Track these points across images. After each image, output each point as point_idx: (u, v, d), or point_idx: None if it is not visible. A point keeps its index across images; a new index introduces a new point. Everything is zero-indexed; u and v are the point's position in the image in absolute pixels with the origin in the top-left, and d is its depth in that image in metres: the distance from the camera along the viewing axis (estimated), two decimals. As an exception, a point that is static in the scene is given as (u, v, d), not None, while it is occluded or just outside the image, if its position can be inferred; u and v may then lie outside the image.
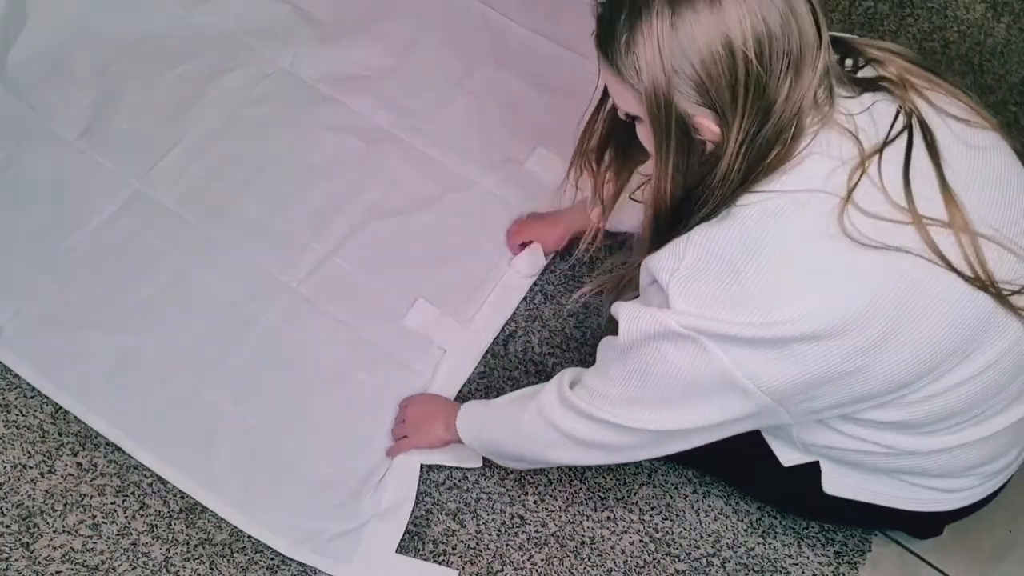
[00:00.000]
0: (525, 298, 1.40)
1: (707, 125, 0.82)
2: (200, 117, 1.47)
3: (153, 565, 1.17)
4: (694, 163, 0.85)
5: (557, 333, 1.38)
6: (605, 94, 0.94)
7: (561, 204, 1.26)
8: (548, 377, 1.32)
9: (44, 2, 1.52)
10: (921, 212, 0.83)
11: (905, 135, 0.86)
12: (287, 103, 1.50)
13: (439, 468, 1.26)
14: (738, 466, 1.07)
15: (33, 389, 1.25)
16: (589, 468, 1.28)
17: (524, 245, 1.38)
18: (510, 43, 1.61)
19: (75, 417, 1.24)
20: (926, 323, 0.85)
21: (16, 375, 1.26)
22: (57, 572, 1.16)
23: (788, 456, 1.06)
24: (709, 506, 1.28)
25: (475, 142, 1.50)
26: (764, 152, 0.82)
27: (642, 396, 0.92)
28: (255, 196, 1.41)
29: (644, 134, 0.88)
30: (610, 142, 1.00)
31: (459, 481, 1.26)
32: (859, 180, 0.82)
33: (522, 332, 1.37)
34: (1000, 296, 0.86)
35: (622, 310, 0.91)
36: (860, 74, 0.89)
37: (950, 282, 0.84)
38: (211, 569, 1.18)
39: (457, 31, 1.60)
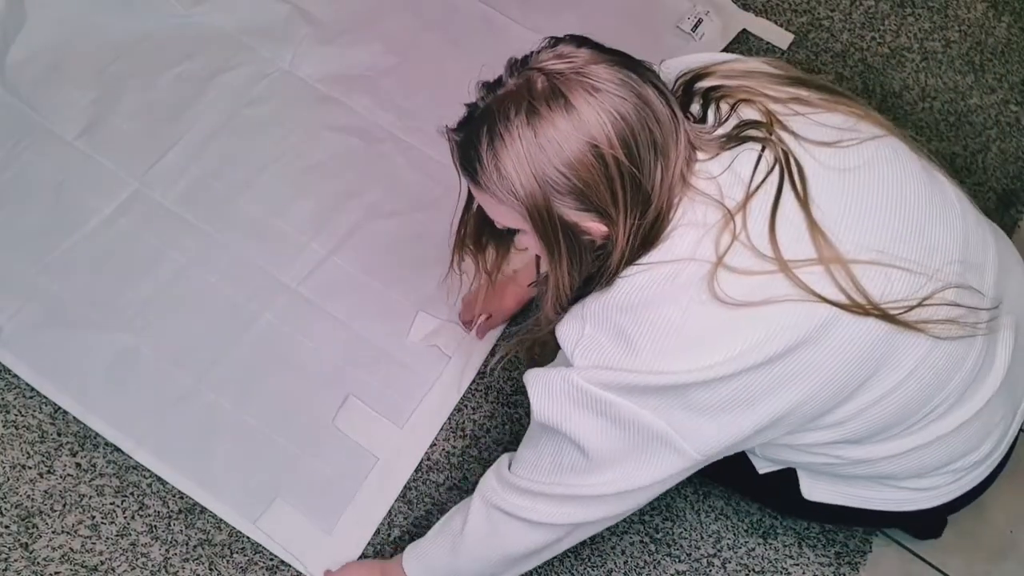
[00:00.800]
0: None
1: (594, 227, 0.84)
2: (200, 117, 1.47)
3: (152, 566, 1.17)
4: (587, 260, 0.88)
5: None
6: (469, 202, 0.97)
7: (448, 292, 1.25)
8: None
9: (44, 2, 1.52)
10: (788, 257, 0.84)
11: (771, 180, 0.86)
12: (287, 103, 1.50)
13: (439, 468, 1.26)
14: (732, 471, 1.07)
15: (32, 389, 1.25)
16: (589, 468, 1.28)
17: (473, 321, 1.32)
18: (510, 43, 1.60)
19: (74, 417, 1.24)
20: (822, 360, 0.86)
21: (15, 375, 1.26)
22: (56, 572, 1.16)
23: (762, 465, 1.08)
24: (709, 506, 1.28)
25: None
26: (650, 234, 0.85)
27: (571, 463, 0.93)
28: (255, 196, 1.41)
29: (530, 242, 0.89)
30: (484, 230, 1.01)
31: (459, 481, 1.26)
32: (730, 244, 0.84)
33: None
34: (888, 316, 0.86)
35: (530, 378, 0.93)
36: (723, 117, 0.89)
37: (831, 315, 0.85)
38: (210, 569, 1.18)
39: (457, 31, 1.60)
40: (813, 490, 1.07)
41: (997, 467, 1.08)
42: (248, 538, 1.20)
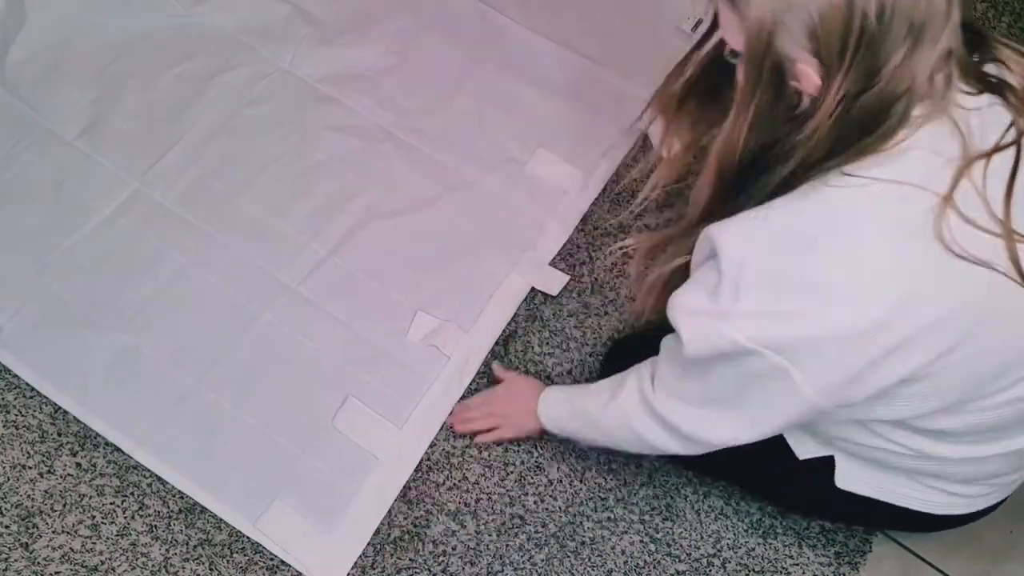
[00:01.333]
0: (525, 299, 1.40)
1: (807, 73, 0.76)
2: (200, 117, 1.47)
3: (152, 565, 1.17)
4: (779, 115, 0.80)
5: (557, 333, 1.38)
6: (704, 40, 0.90)
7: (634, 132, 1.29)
8: (549, 378, 1.33)
9: (44, 2, 1.52)
10: (1015, 228, 0.79)
11: (1013, 150, 0.80)
12: (287, 103, 1.50)
13: (439, 468, 1.26)
14: (744, 463, 1.05)
15: (32, 389, 1.25)
16: (589, 468, 1.28)
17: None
18: (510, 43, 1.61)
19: (74, 417, 1.24)
20: (995, 338, 0.82)
21: (15, 375, 1.26)
22: (56, 572, 1.16)
23: (805, 449, 1.04)
24: (709, 506, 1.28)
25: (475, 142, 1.49)
26: (859, 123, 0.76)
27: (714, 414, 0.92)
28: (254, 196, 1.41)
29: (740, 73, 0.81)
30: (693, 90, 0.95)
31: (459, 481, 1.26)
32: (961, 183, 0.77)
33: (522, 332, 1.37)
34: None
35: (682, 322, 0.86)
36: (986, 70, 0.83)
37: (1021, 301, 0.81)
38: (210, 569, 1.18)
39: (457, 31, 1.60)
40: (848, 479, 1.04)
41: None
42: (248, 538, 1.20)
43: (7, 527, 1.18)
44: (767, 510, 1.28)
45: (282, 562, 1.19)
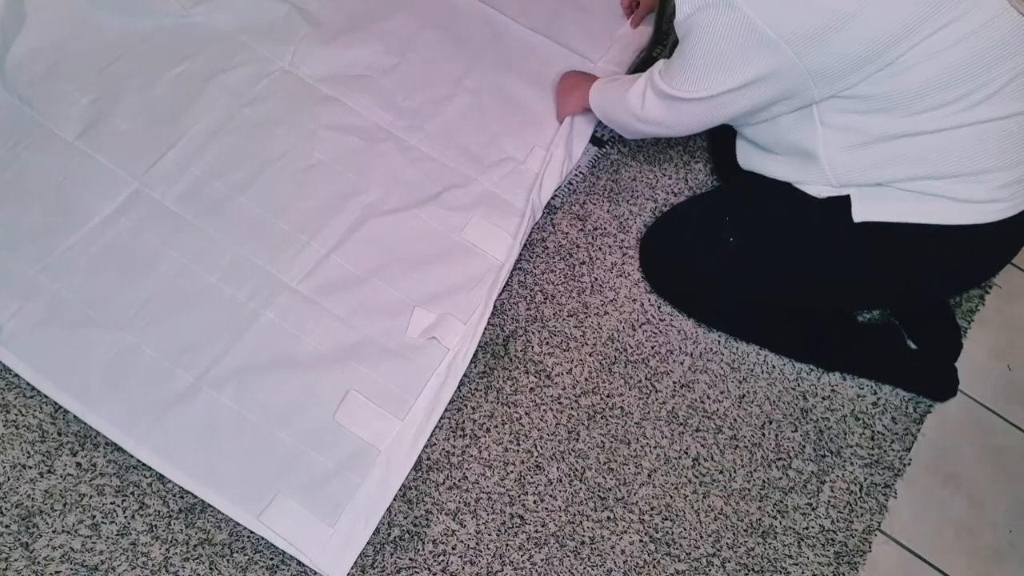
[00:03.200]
0: (525, 298, 1.40)
1: None
2: (199, 116, 1.47)
3: (152, 565, 1.17)
4: None
5: (557, 333, 1.38)
6: None
7: None
8: (549, 377, 1.33)
9: (44, 2, 1.52)
10: None
11: None
12: (287, 102, 1.50)
13: (439, 468, 1.26)
14: (776, 233, 1.24)
15: (32, 389, 1.25)
16: (589, 468, 1.28)
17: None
18: (510, 43, 1.61)
19: (74, 417, 1.24)
20: None
21: (15, 375, 1.26)
22: (56, 572, 1.16)
23: (820, 191, 1.18)
24: (709, 506, 1.28)
25: (474, 141, 1.50)
26: None
27: (698, 69, 1.11)
28: (254, 195, 1.41)
29: None
30: None
31: (459, 481, 1.26)
32: None
33: (522, 332, 1.37)
34: None
35: None
36: None
37: None
38: (211, 569, 1.18)
39: (457, 31, 1.60)
40: (866, 211, 1.15)
41: None
42: (248, 537, 1.20)
43: (7, 527, 1.18)
44: (767, 510, 1.28)
45: (282, 561, 1.19)
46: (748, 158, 1.29)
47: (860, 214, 1.16)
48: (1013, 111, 1.05)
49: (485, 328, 1.36)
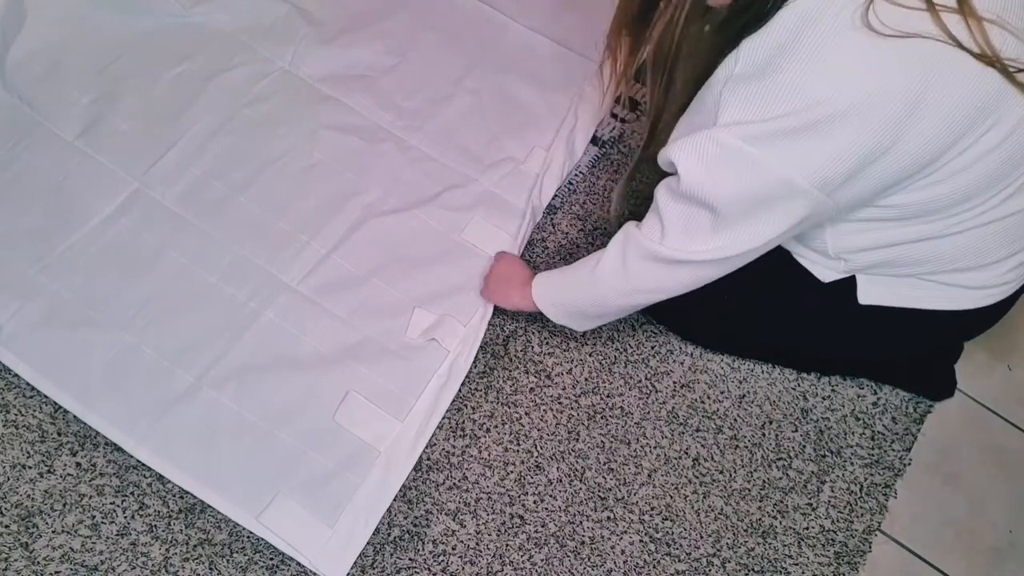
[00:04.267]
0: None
1: None
2: (199, 116, 1.47)
3: (152, 565, 1.17)
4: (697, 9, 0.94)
5: (557, 333, 1.38)
6: None
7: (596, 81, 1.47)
8: (549, 377, 1.33)
9: (44, 2, 1.52)
10: (935, 1, 0.88)
11: None
12: (286, 102, 1.50)
13: (439, 468, 1.27)
14: (775, 311, 1.19)
15: (32, 389, 1.25)
16: (589, 468, 1.28)
17: None
18: (510, 43, 1.61)
19: (74, 417, 1.24)
20: (946, 95, 0.89)
21: (15, 375, 1.26)
22: (56, 572, 1.16)
23: (826, 275, 1.14)
24: (709, 506, 1.28)
25: (474, 141, 1.50)
26: None
27: (702, 224, 0.99)
28: (254, 195, 1.41)
29: None
30: (627, 20, 1.06)
31: (459, 481, 1.26)
32: None
33: (522, 332, 1.37)
34: (1007, 72, 0.90)
35: (675, 147, 0.97)
36: None
37: (962, 59, 0.89)
38: (211, 569, 1.18)
39: (457, 31, 1.60)
40: (869, 294, 1.13)
41: None
42: (248, 538, 1.20)
43: (7, 527, 1.18)
44: (767, 510, 1.28)
45: (282, 561, 1.19)
46: None
47: (865, 296, 1.13)
48: None
49: (485, 328, 1.36)
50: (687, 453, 1.32)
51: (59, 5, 1.52)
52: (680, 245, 1.03)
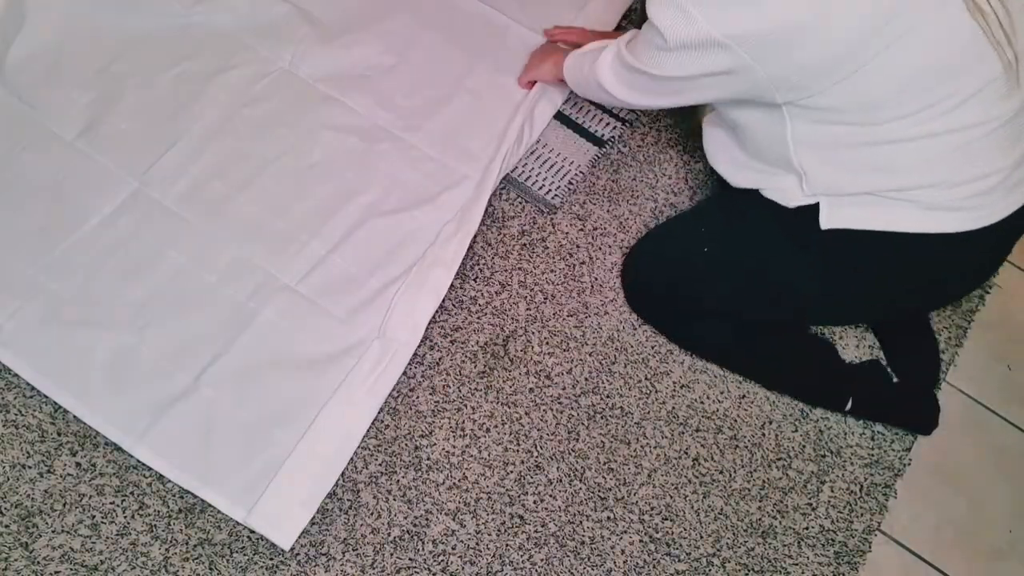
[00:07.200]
0: (525, 298, 1.40)
1: None
2: (199, 116, 1.47)
3: (152, 565, 1.17)
4: None
5: (557, 333, 1.38)
6: None
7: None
8: (549, 377, 1.33)
9: (44, 2, 1.52)
10: None
11: None
12: (286, 102, 1.50)
13: (439, 468, 1.26)
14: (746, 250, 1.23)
15: (32, 389, 1.25)
16: (589, 468, 1.28)
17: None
18: (510, 43, 1.61)
19: (74, 417, 1.24)
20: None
21: (15, 374, 1.26)
22: (56, 572, 1.16)
23: (791, 198, 1.17)
24: (709, 506, 1.28)
25: (474, 141, 1.50)
26: None
27: (658, 51, 1.09)
28: (254, 195, 1.41)
29: None
30: None
31: (459, 481, 1.26)
32: None
33: (522, 332, 1.37)
34: None
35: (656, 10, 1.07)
36: None
37: None
38: (210, 569, 1.18)
39: (457, 31, 1.60)
40: (832, 216, 1.14)
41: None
42: (248, 537, 1.20)
43: (7, 527, 1.18)
44: (767, 510, 1.28)
45: (282, 562, 1.19)
46: (716, 159, 1.28)
47: (827, 221, 1.14)
48: (982, 119, 1.03)
49: (485, 328, 1.36)
50: (687, 453, 1.32)
51: (59, 5, 1.52)
52: (640, 58, 1.13)
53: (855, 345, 1.43)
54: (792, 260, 1.21)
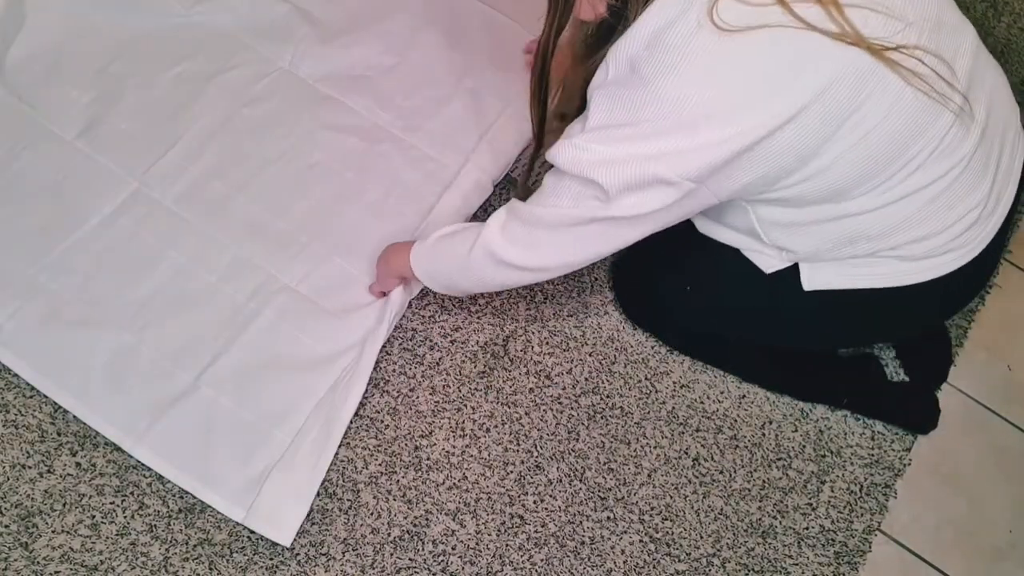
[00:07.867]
0: (525, 298, 1.40)
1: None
2: (199, 116, 1.47)
3: (152, 565, 1.17)
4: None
5: (557, 333, 1.38)
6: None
7: None
8: (549, 377, 1.33)
9: (44, 2, 1.52)
10: None
11: None
12: (286, 102, 1.50)
13: (439, 468, 1.27)
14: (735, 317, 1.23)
15: (32, 388, 1.25)
16: (589, 468, 1.28)
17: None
18: (510, 43, 1.61)
19: (74, 417, 1.24)
20: (810, 82, 0.90)
21: (15, 374, 1.26)
22: (56, 572, 1.16)
23: (769, 264, 1.15)
24: (709, 506, 1.28)
25: (474, 141, 1.50)
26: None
27: (598, 200, 1.01)
28: (254, 195, 1.41)
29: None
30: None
31: (459, 481, 1.26)
32: None
33: (522, 332, 1.37)
34: (872, 49, 0.90)
35: (551, 150, 1.02)
36: None
37: (818, 40, 0.89)
38: (210, 569, 1.18)
39: (457, 31, 1.60)
40: (814, 279, 1.13)
41: (987, 263, 1.15)
42: (248, 537, 1.20)
43: (7, 527, 1.18)
44: (767, 510, 1.28)
45: (282, 562, 1.19)
46: (700, 222, 1.22)
47: (809, 283, 1.13)
48: (950, 166, 1.02)
49: (485, 328, 1.36)
50: (687, 453, 1.32)
51: (59, 5, 1.52)
52: (574, 206, 1.04)
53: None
54: (775, 319, 1.22)
